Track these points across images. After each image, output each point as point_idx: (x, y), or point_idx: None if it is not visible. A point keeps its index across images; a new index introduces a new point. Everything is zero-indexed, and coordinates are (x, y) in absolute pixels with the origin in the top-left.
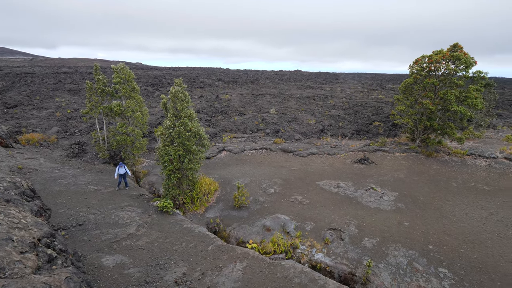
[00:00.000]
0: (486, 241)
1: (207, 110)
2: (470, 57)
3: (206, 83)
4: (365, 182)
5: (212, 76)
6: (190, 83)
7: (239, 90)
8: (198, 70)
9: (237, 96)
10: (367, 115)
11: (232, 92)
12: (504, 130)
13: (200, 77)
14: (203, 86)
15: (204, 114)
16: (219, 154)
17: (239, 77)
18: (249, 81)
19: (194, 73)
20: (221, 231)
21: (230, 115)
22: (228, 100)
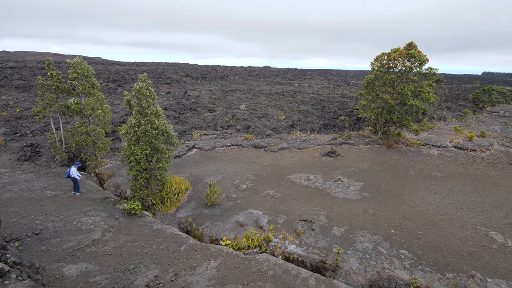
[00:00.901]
0: (440, 223)
1: (175, 107)
2: (423, 54)
3: (173, 79)
4: (333, 174)
5: (180, 71)
6: (156, 79)
7: (208, 86)
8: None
9: (206, 93)
10: (334, 110)
11: (201, 88)
12: (452, 121)
13: (167, 72)
14: (170, 82)
15: (172, 111)
16: (189, 152)
17: (208, 73)
18: (218, 77)
19: (160, 69)
20: (194, 230)
21: (199, 112)
22: (197, 96)
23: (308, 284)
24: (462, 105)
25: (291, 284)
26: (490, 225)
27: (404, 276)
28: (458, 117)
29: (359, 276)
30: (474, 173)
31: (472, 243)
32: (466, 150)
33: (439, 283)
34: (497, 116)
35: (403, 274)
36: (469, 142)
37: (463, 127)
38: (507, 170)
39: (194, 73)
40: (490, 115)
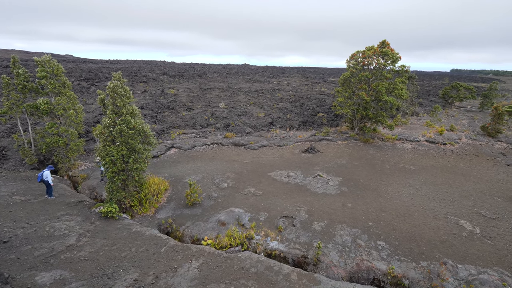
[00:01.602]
0: (414, 214)
1: (152, 106)
2: (396, 52)
3: (149, 77)
4: (312, 170)
5: (156, 69)
6: (131, 77)
7: (186, 84)
8: (140, 63)
9: (184, 91)
10: (312, 107)
11: (179, 86)
12: (424, 116)
13: (143, 70)
14: (147, 80)
15: (149, 110)
16: (168, 152)
17: (186, 71)
18: (196, 75)
19: (136, 67)
20: (175, 231)
21: (177, 111)
22: (174, 95)
23: (290, 280)
24: (433, 101)
25: (274, 280)
26: (460, 214)
27: (381, 267)
28: (429, 112)
29: (339, 269)
30: (445, 165)
31: (444, 232)
32: (437, 143)
33: (414, 271)
34: (465, 110)
35: (381, 265)
36: (439, 136)
37: (434, 121)
38: (474, 161)
39: (171, 71)
40: (458, 110)
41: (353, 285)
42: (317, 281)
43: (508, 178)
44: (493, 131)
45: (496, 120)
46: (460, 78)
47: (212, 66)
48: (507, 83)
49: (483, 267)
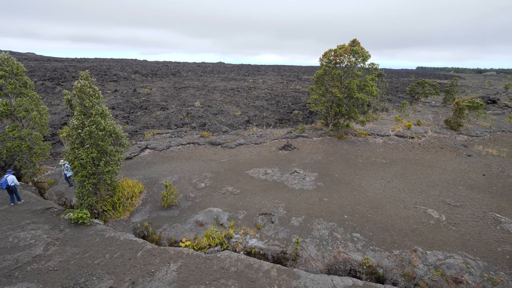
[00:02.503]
0: (386, 205)
1: (123, 106)
2: (366, 51)
3: (120, 76)
4: (289, 167)
5: (127, 68)
6: (100, 76)
7: (160, 83)
8: (110, 61)
9: (157, 90)
10: (288, 105)
11: (152, 85)
12: (393, 112)
13: (113, 69)
14: (117, 79)
15: (121, 111)
16: (142, 153)
17: (159, 69)
18: (170, 73)
19: (105, 65)
20: (151, 235)
21: (151, 110)
22: (147, 94)
23: (270, 276)
24: (401, 97)
25: (254, 277)
26: (427, 203)
27: (357, 258)
28: (398, 108)
29: (317, 262)
30: (413, 158)
31: (414, 221)
32: (405, 137)
33: (387, 260)
34: (430, 106)
35: (357, 256)
36: (408, 130)
37: (402, 117)
38: (439, 153)
39: (143, 69)
40: (424, 105)
41: (331, 277)
42: (296, 275)
43: (469, 168)
44: (455, 124)
45: (458, 114)
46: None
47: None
48: (466, 80)
49: (449, 252)
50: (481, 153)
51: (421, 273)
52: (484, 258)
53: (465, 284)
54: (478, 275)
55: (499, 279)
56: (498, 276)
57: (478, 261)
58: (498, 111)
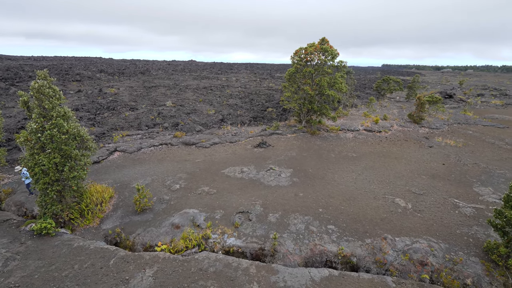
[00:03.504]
0: (357, 197)
1: (88, 107)
2: (335, 49)
3: (84, 76)
4: (265, 164)
5: (92, 67)
6: (62, 75)
7: (128, 82)
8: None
9: (125, 89)
10: (261, 102)
11: (119, 85)
12: (362, 108)
13: (75, 68)
14: (81, 79)
15: (86, 112)
16: (111, 156)
17: (126, 68)
18: (138, 72)
19: (66, 64)
20: (124, 241)
21: (119, 111)
22: (115, 94)
23: (249, 273)
24: (368, 93)
25: (233, 276)
26: (395, 193)
27: (332, 249)
28: (366, 104)
29: (295, 256)
30: (381, 151)
31: (383, 210)
32: (373, 132)
33: (360, 249)
34: (395, 101)
35: (332, 247)
36: (375, 125)
37: (370, 112)
38: (404, 146)
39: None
40: (389, 100)
41: (308, 270)
42: (275, 271)
43: (431, 158)
44: (418, 118)
45: (420, 109)
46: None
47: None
48: (426, 76)
49: (415, 238)
50: (441, 144)
51: (391, 259)
52: (446, 241)
53: (430, 266)
54: (441, 256)
55: (458, 259)
56: (458, 256)
57: (441, 244)
58: (454, 105)
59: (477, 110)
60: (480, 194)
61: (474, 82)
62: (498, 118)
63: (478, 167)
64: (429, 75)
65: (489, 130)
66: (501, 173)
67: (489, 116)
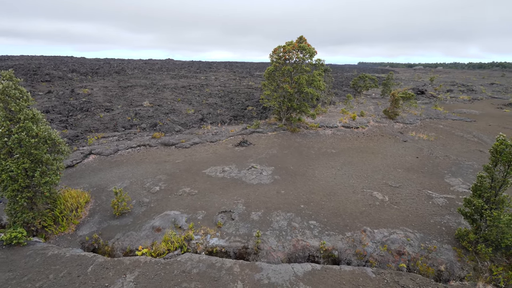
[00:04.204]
0: (337, 192)
1: (60, 108)
2: (312, 47)
3: (54, 76)
4: (246, 163)
5: (62, 66)
6: (29, 76)
7: (102, 82)
8: (40, 59)
9: (100, 90)
10: (241, 101)
11: (93, 85)
12: (340, 105)
13: (44, 68)
14: (51, 79)
15: (57, 114)
16: (86, 159)
17: (100, 68)
18: (113, 71)
19: (34, 64)
20: (103, 247)
21: (93, 112)
22: (88, 94)
23: (233, 272)
24: (345, 90)
25: (217, 276)
26: (373, 187)
27: (315, 243)
28: (344, 101)
29: (278, 253)
30: (359, 146)
31: (362, 204)
32: (351, 128)
33: (341, 242)
34: (371, 98)
35: (314, 242)
36: (353, 121)
37: (348, 109)
38: (380, 141)
39: (82, 68)
40: (366, 97)
41: (291, 266)
42: (258, 268)
43: (406, 152)
44: (393, 114)
45: (394, 105)
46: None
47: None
48: (400, 73)
49: (392, 229)
50: (414, 139)
51: (371, 250)
52: (421, 230)
53: (407, 255)
54: (417, 245)
55: (432, 247)
56: (432, 244)
57: (416, 233)
58: (426, 101)
59: (447, 105)
60: (451, 185)
61: (444, 78)
62: (465, 112)
63: (449, 159)
64: (402, 72)
65: (458, 124)
66: (469, 164)
67: (458, 111)
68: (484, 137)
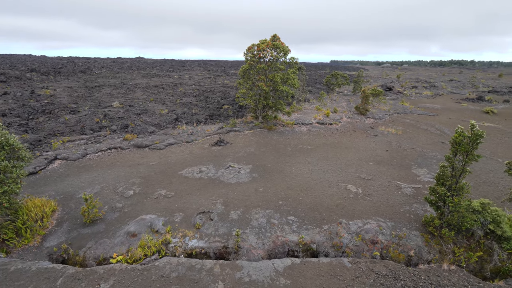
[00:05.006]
0: (314, 187)
1: (19, 111)
2: (286, 46)
3: (10, 76)
4: (224, 162)
5: (19, 65)
6: None
7: (66, 82)
8: None
9: (64, 90)
10: (217, 100)
11: (56, 85)
12: (314, 102)
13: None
14: (6, 79)
15: (16, 117)
16: (51, 165)
17: (63, 67)
18: (78, 71)
19: None
20: (73, 257)
21: (57, 115)
22: (51, 96)
23: (214, 273)
24: (319, 88)
25: (197, 278)
26: (347, 180)
27: (293, 238)
28: (318, 98)
29: (258, 250)
30: (333, 142)
31: (337, 197)
32: (325, 124)
33: (319, 235)
34: (343, 95)
35: (293, 237)
36: (327, 118)
37: (321, 106)
38: (353, 136)
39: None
40: (338, 94)
41: (272, 262)
42: (239, 267)
43: (376, 146)
44: (363, 110)
45: (365, 101)
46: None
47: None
48: (369, 71)
49: (366, 219)
50: (384, 133)
51: (347, 241)
52: (392, 219)
53: (380, 244)
54: (388, 234)
55: (403, 234)
56: (402, 232)
57: (388, 222)
58: (393, 97)
59: (412, 101)
60: (417, 175)
61: (409, 75)
62: (429, 107)
63: (415, 151)
64: (372, 70)
65: (422, 118)
66: (433, 155)
67: (422, 106)
68: (446, 130)
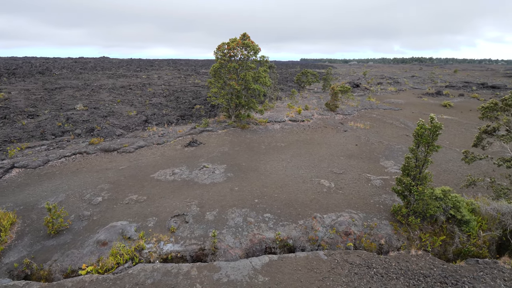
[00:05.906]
0: (289, 183)
1: None
2: (256, 44)
3: None
4: (197, 163)
5: None
6: None
7: (22, 84)
8: None
9: (20, 93)
10: (188, 100)
11: (10, 88)
12: (286, 100)
13: None
14: None
15: None
16: (7, 175)
17: (18, 67)
18: (36, 72)
19: None
20: (37, 271)
21: (13, 119)
22: (5, 99)
23: (191, 276)
24: (290, 86)
25: (174, 283)
26: (320, 175)
27: (270, 235)
28: (289, 96)
29: (236, 250)
30: (305, 138)
31: (312, 192)
32: (297, 121)
33: (295, 231)
34: (313, 92)
35: (270, 234)
36: (299, 115)
37: (293, 103)
38: (324, 132)
39: None
40: (309, 92)
41: (249, 260)
42: (217, 268)
43: (346, 141)
44: (333, 106)
45: (334, 98)
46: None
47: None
48: (337, 69)
49: (339, 212)
50: (353, 128)
51: (322, 234)
52: (363, 211)
53: (353, 235)
54: (361, 225)
55: (374, 224)
56: (373, 222)
57: (360, 214)
58: (361, 93)
59: (378, 96)
60: (385, 167)
61: (374, 72)
62: (393, 102)
63: (382, 145)
64: (340, 68)
65: (388, 112)
66: (399, 147)
67: (387, 101)
68: (409, 123)
